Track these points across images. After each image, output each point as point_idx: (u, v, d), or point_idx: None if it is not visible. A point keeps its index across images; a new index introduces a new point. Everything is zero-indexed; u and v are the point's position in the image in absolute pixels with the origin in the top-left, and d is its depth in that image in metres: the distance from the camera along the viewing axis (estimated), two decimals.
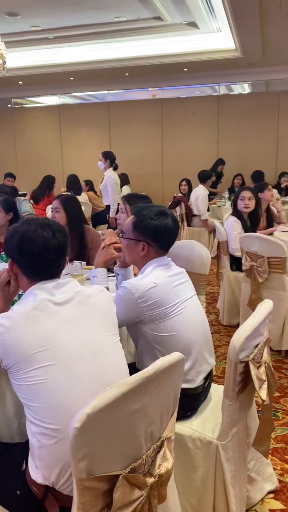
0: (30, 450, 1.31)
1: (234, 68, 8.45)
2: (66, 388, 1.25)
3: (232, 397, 1.56)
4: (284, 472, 2.13)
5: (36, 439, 1.26)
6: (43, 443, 1.24)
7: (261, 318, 1.59)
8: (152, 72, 8.72)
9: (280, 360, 3.28)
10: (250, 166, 9.06)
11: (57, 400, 1.24)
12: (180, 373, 1.31)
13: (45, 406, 1.24)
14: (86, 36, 7.12)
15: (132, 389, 1.10)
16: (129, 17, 6.37)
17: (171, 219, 1.83)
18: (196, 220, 6.48)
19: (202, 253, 2.75)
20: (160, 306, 1.68)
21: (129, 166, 9.77)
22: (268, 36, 6.50)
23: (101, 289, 1.48)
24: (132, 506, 1.12)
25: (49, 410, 1.24)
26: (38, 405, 1.25)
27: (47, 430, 1.23)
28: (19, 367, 1.25)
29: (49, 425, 1.23)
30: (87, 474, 1.05)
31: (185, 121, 9.71)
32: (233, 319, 3.93)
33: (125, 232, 1.88)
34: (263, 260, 3.23)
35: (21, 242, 1.37)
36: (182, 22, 6.62)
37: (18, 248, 1.37)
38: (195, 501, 1.66)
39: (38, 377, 1.24)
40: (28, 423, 1.28)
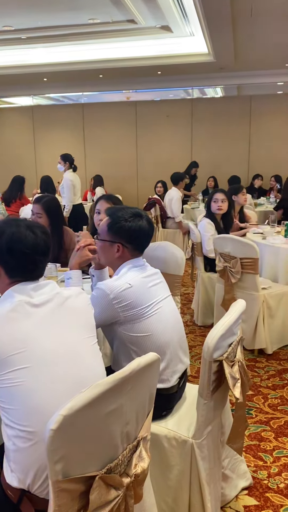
0: (5, 453, 1.29)
1: (207, 72, 8.56)
2: (42, 391, 1.25)
3: (206, 396, 1.58)
4: (257, 468, 2.18)
5: (11, 442, 1.25)
6: (19, 446, 1.23)
7: (234, 317, 1.63)
8: (126, 74, 8.74)
9: (253, 359, 3.34)
10: (223, 168, 9.20)
11: (33, 402, 1.23)
12: (156, 373, 1.32)
13: (21, 409, 1.23)
14: (59, 37, 7.07)
15: (108, 390, 1.10)
16: (103, 19, 6.36)
17: (146, 220, 1.85)
18: (171, 222, 6.52)
19: (176, 254, 2.78)
20: (135, 307, 1.69)
21: (104, 168, 9.76)
22: (240, 42, 6.62)
23: (80, 291, 1.48)
24: (108, 506, 1.13)
25: (25, 413, 1.23)
26: (14, 407, 1.24)
27: (23, 433, 1.23)
28: None
29: (25, 428, 1.23)
30: (63, 476, 1.05)
31: (159, 124, 9.78)
32: (207, 320, 3.98)
33: (99, 234, 1.89)
34: (236, 261, 3.29)
35: (11, 243, 1.36)
36: (155, 26, 6.67)
37: (7, 248, 1.36)
38: (171, 500, 1.67)
39: (14, 379, 1.23)
40: (4, 426, 1.27)
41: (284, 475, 2.13)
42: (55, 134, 10.34)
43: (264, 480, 2.10)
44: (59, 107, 10.51)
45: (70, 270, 2.14)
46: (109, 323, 1.72)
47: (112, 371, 1.76)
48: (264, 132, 9.31)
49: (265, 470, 2.16)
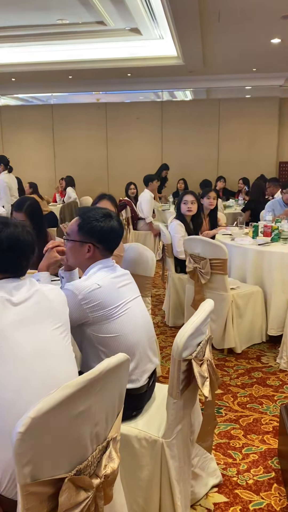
0: None
1: (176, 75, 8.65)
2: (13, 388, 1.24)
3: (176, 395, 1.60)
4: (227, 466, 2.21)
5: None
6: None
7: (203, 317, 1.65)
8: (96, 76, 8.72)
9: (222, 358, 3.39)
10: (193, 170, 9.31)
11: (2, 400, 1.22)
12: (125, 373, 1.33)
13: None
14: (28, 37, 6.99)
15: (77, 391, 1.10)
16: (72, 20, 6.34)
17: (116, 221, 1.87)
18: (142, 224, 6.55)
19: (147, 255, 2.80)
20: (103, 307, 1.69)
21: (74, 169, 9.71)
22: (208, 46, 6.72)
23: (58, 290, 1.50)
24: (78, 508, 1.12)
25: None
26: None
27: None
28: None
29: None
30: (32, 479, 1.04)
31: (130, 126, 9.80)
32: (178, 320, 4.01)
33: (69, 234, 1.88)
34: (205, 262, 3.33)
35: (11, 241, 1.41)
36: (125, 28, 6.69)
37: (8, 246, 1.40)
38: (142, 500, 1.68)
39: None
40: None
41: (253, 472, 2.17)
42: (24, 135, 10.20)
43: (233, 477, 2.13)
44: (28, 108, 10.38)
45: (38, 272, 2.12)
46: (77, 325, 1.71)
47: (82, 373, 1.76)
48: (233, 135, 9.48)
49: (235, 467, 2.20)
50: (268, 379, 3.08)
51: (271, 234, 3.91)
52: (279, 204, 5.10)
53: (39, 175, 9.57)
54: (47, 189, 8.91)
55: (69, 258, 1.92)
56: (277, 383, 3.02)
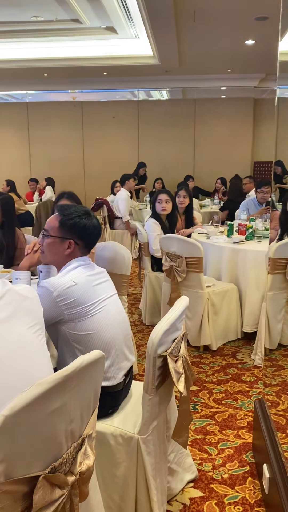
0: None
1: (152, 74, 8.67)
2: None
3: (151, 392, 1.61)
4: (203, 461, 2.24)
5: None
6: None
7: (178, 313, 1.66)
8: (72, 74, 8.66)
9: (198, 355, 3.43)
10: (170, 169, 9.36)
11: None
12: (100, 370, 1.33)
13: None
14: (2, 34, 6.89)
15: (51, 388, 1.09)
16: (46, 17, 6.28)
17: (95, 219, 1.89)
18: (119, 223, 6.55)
19: (123, 254, 2.80)
20: (79, 304, 1.69)
21: (50, 167, 9.63)
22: (184, 46, 6.76)
23: (31, 289, 1.48)
24: (53, 506, 1.12)
25: None
26: None
27: None
28: None
29: None
30: (5, 478, 1.03)
31: (106, 125, 9.78)
32: (155, 319, 4.03)
33: (48, 230, 1.87)
34: (181, 260, 3.36)
35: None
36: (100, 26, 6.67)
37: None
38: (118, 497, 1.68)
39: None
40: None
41: (228, 466, 2.20)
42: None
43: (209, 472, 2.16)
44: (2, 106, 10.23)
45: (19, 271, 2.11)
46: (53, 322, 1.70)
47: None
48: (208, 135, 9.57)
49: (210, 462, 2.23)
50: (243, 375, 3.13)
51: (245, 232, 3.98)
52: (253, 203, 5.19)
53: (14, 173, 9.44)
54: (23, 188, 8.80)
55: (46, 254, 1.91)
56: (252, 379, 3.07)
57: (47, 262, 1.99)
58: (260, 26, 5.75)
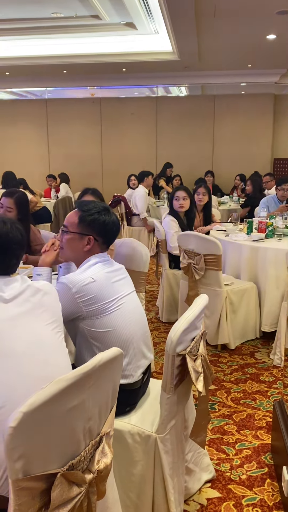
0: None
1: (171, 70, 8.62)
2: (7, 385, 1.23)
3: (169, 390, 1.59)
4: (220, 461, 2.21)
5: None
6: None
7: (197, 312, 1.64)
8: (90, 70, 8.67)
9: (216, 354, 3.39)
10: (188, 166, 9.30)
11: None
12: (119, 368, 1.31)
13: None
14: (22, 30, 6.93)
15: (69, 385, 1.09)
16: (66, 13, 6.28)
17: (115, 216, 1.88)
18: (136, 220, 6.53)
19: (141, 251, 2.78)
20: (97, 301, 1.68)
21: (68, 164, 9.67)
22: (203, 41, 6.69)
23: (50, 286, 1.49)
24: (70, 503, 1.11)
25: None
26: None
27: None
28: None
29: None
30: (24, 475, 1.03)
31: (124, 121, 9.77)
32: (172, 316, 4.01)
33: (67, 226, 1.86)
34: (199, 257, 3.33)
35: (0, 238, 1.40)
36: (120, 22, 6.65)
37: None
38: (135, 495, 1.67)
39: None
40: None
41: (246, 467, 2.17)
42: (18, 130, 10.13)
43: (226, 473, 2.13)
44: (22, 102, 10.30)
45: (40, 267, 2.10)
46: (71, 318, 1.69)
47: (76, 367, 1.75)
48: (227, 131, 9.47)
49: (228, 463, 2.20)
50: (261, 375, 3.08)
51: (265, 230, 3.92)
52: (274, 200, 5.11)
53: (33, 170, 9.53)
54: (41, 184, 8.86)
55: (65, 251, 1.90)
56: (271, 379, 3.03)
57: (66, 259, 1.98)
58: (281, 20, 5.65)
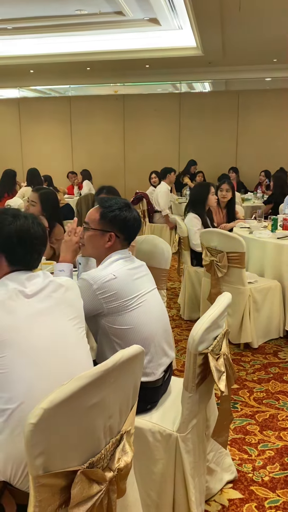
0: None
1: (195, 66, 8.54)
2: (27, 380, 1.23)
3: (191, 389, 1.57)
4: (242, 462, 2.18)
5: None
6: (6, 431, 1.20)
7: (220, 310, 1.61)
8: (114, 67, 8.66)
9: (239, 353, 3.35)
10: (211, 163, 9.21)
11: (17, 392, 1.21)
12: (140, 366, 1.30)
13: (6, 397, 1.21)
14: (46, 28, 6.97)
15: (90, 382, 1.08)
16: (90, 10, 6.29)
17: (136, 212, 1.86)
18: (158, 217, 6.51)
19: (163, 248, 2.76)
20: (118, 298, 1.67)
21: (91, 161, 9.70)
22: (228, 36, 6.60)
23: (72, 282, 1.48)
24: (90, 501, 1.11)
25: (14, 401, 1.21)
26: (2, 395, 1.22)
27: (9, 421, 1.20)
28: None
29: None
30: (44, 471, 1.03)
31: (147, 118, 9.73)
32: (193, 314, 3.97)
33: (88, 223, 1.86)
34: (222, 255, 3.28)
35: (21, 232, 1.39)
36: (143, 18, 6.61)
37: (18, 237, 1.38)
38: (155, 494, 1.66)
39: (1, 367, 1.22)
40: None
41: (269, 468, 2.13)
42: (41, 127, 10.23)
43: (248, 474, 2.10)
44: (45, 100, 10.39)
45: (62, 263, 2.10)
46: (92, 315, 1.69)
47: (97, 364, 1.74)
48: (252, 127, 9.33)
49: (250, 464, 2.16)
50: (285, 374, 3.02)
51: None
52: None
53: (57, 167, 9.59)
54: (65, 181, 8.92)
55: (87, 247, 1.90)
56: None
57: (88, 255, 1.98)
58: None
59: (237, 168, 8.64)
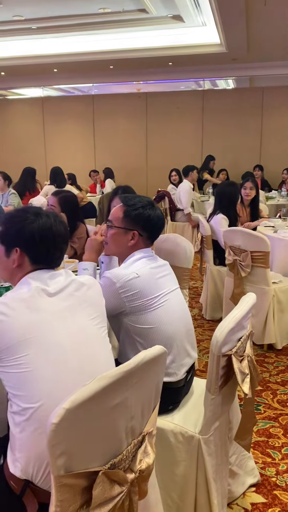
0: (10, 442, 1.27)
1: (218, 63, 8.44)
2: (50, 379, 1.23)
3: (214, 391, 1.54)
4: (265, 465, 2.14)
5: (19, 429, 1.22)
6: (28, 430, 1.21)
7: (244, 311, 1.58)
8: (137, 65, 8.65)
9: (262, 354, 3.29)
10: (235, 161, 9.10)
11: (40, 391, 1.21)
12: (162, 366, 1.28)
13: (29, 395, 1.22)
14: (70, 27, 7.01)
15: (112, 383, 1.07)
16: (113, 8, 6.29)
17: (159, 211, 1.85)
18: (180, 215, 6.47)
19: (185, 246, 2.73)
20: (141, 297, 1.65)
21: (113, 159, 9.72)
22: (253, 32, 6.50)
23: (94, 281, 1.48)
24: (112, 502, 1.10)
25: (36, 399, 1.21)
26: (22, 394, 1.22)
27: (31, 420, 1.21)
28: (7, 353, 1.23)
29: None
30: (66, 471, 1.02)
31: (170, 116, 9.68)
32: (216, 314, 3.93)
33: (111, 221, 1.85)
34: (246, 254, 3.23)
35: (43, 231, 1.39)
36: (167, 15, 6.58)
37: (40, 236, 1.38)
38: (177, 496, 1.64)
39: (24, 365, 1.22)
40: (11, 414, 1.25)
41: None
42: (65, 126, 10.30)
43: (272, 477, 2.06)
44: (69, 99, 10.46)
45: (86, 262, 2.10)
46: (115, 314, 1.68)
47: (119, 363, 1.73)
48: (277, 125, 9.17)
49: (273, 467, 2.12)
50: None
51: None
52: None
53: (80, 165, 9.65)
54: (87, 180, 8.97)
55: (110, 246, 1.89)
56: None
57: (111, 253, 1.97)
58: None
59: (262, 166, 8.52)
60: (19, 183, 6.42)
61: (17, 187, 6.31)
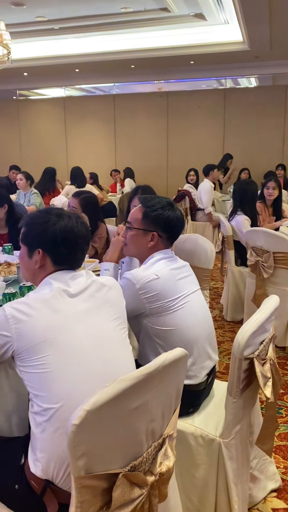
0: (31, 442, 1.28)
1: (241, 61, 8.35)
2: (70, 380, 1.23)
3: (236, 394, 1.52)
4: (287, 470, 2.10)
5: (40, 429, 1.23)
6: (49, 430, 1.21)
7: (267, 314, 1.55)
8: (158, 64, 8.63)
9: (284, 356, 3.24)
10: (256, 160, 8.99)
11: (60, 391, 1.22)
12: (183, 369, 1.27)
13: (49, 396, 1.22)
14: (91, 27, 7.04)
15: (133, 385, 1.06)
16: (135, 8, 6.28)
17: (178, 210, 1.83)
18: (201, 215, 6.42)
19: (206, 247, 2.71)
20: (161, 299, 1.64)
21: (134, 159, 9.72)
22: (276, 29, 6.40)
23: (114, 282, 1.48)
24: (132, 505, 1.09)
25: (57, 400, 1.22)
26: (43, 394, 1.23)
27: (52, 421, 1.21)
28: (29, 353, 1.24)
29: None
30: (86, 472, 1.02)
31: (191, 115, 9.63)
32: (237, 315, 3.89)
33: (131, 222, 1.85)
34: (268, 255, 3.19)
35: (65, 233, 1.39)
36: (189, 14, 6.54)
37: (62, 238, 1.38)
38: (197, 499, 1.63)
39: (45, 365, 1.23)
40: (32, 414, 1.26)
41: None
42: (86, 126, 10.36)
43: None
44: (90, 98, 10.50)
45: (107, 262, 2.10)
46: (135, 315, 1.67)
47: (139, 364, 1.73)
48: None
49: None
50: None
51: None
52: None
53: (101, 165, 9.69)
54: (108, 179, 9.00)
55: (129, 247, 1.88)
56: None
57: (130, 255, 1.97)
58: None
59: (285, 165, 8.39)
60: (39, 183, 6.47)
61: (38, 187, 6.36)
